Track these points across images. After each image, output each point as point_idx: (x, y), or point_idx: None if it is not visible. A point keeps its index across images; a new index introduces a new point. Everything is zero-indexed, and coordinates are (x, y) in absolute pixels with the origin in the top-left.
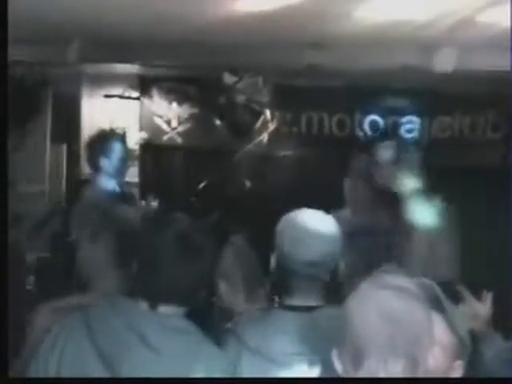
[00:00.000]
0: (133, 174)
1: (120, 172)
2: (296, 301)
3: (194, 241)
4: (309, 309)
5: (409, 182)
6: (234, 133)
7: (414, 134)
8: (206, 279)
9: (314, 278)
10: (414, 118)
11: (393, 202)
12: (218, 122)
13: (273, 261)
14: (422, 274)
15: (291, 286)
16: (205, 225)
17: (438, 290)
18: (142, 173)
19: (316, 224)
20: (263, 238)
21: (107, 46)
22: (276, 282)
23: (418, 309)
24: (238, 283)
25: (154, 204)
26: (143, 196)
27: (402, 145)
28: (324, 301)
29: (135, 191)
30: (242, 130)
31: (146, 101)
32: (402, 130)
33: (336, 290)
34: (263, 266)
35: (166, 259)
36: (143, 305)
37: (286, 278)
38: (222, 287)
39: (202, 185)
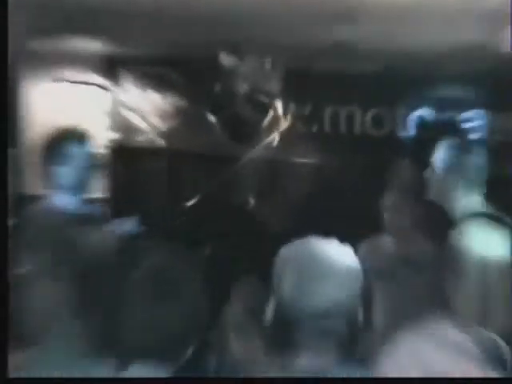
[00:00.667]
0: (99, 188)
1: (81, 185)
2: (302, 362)
3: (178, 278)
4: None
5: (468, 198)
6: (233, 133)
7: (475, 135)
8: (197, 329)
9: (326, 331)
10: (475, 114)
11: (442, 224)
12: (212, 119)
13: (270, 310)
14: (480, 324)
15: (295, 343)
16: (195, 256)
17: (504, 347)
18: (111, 186)
19: (328, 258)
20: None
21: (62, 16)
22: (275, 337)
23: (475, 371)
24: (252, 334)
25: (127, 228)
26: (113, 217)
27: (465, 147)
28: (341, 360)
29: (102, 211)
30: (245, 130)
31: (115, 89)
32: (460, 129)
33: (357, 345)
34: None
35: (142, 302)
36: (110, 364)
37: (287, 332)
38: (233, 340)
39: (191, 202)
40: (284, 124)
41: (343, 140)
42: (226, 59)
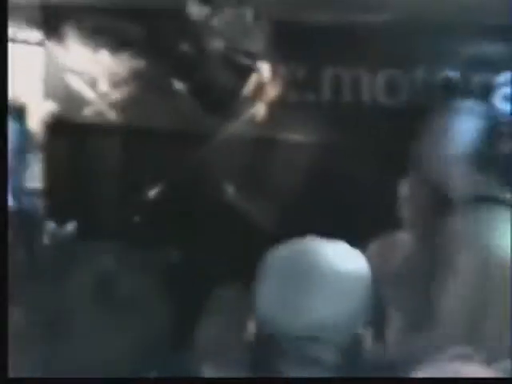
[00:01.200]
0: (34, 175)
1: (12, 171)
2: None
3: (133, 290)
4: None
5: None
6: (206, 103)
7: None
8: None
9: (319, 357)
10: None
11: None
12: (179, 86)
13: (251, 329)
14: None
15: (282, 370)
16: (158, 262)
17: None
18: (50, 172)
19: (325, 264)
20: None
21: None
22: (259, 361)
23: None
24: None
25: (70, 227)
26: (51, 213)
27: (494, 118)
28: None
29: (37, 204)
30: (221, 99)
31: (54, 48)
32: (495, 96)
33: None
34: None
35: (84, 320)
36: None
37: (272, 356)
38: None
39: (152, 193)
40: (271, 92)
41: (348, 112)
42: (195, 9)
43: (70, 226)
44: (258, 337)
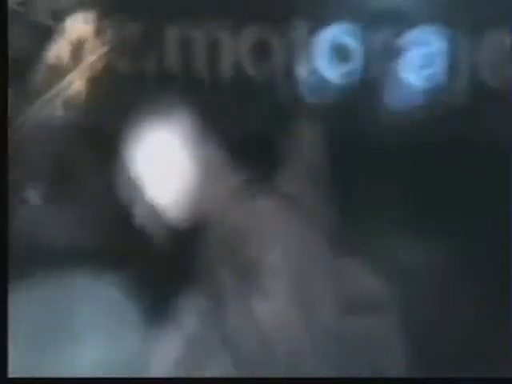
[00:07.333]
0: None
1: None
2: None
3: None
4: None
5: None
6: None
7: (432, 70)
8: None
9: None
10: (432, 35)
11: None
12: None
13: None
14: None
15: None
16: None
17: None
18: None
19: None
20: None
21: None
22: None
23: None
24: None
25: None
26: None
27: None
28: None
29: None
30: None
31: None
32: (398, 62)
33: None
34: None
35: None
36: None
37: None
38: None
39: None
40: (93, 60)
41: (200, 83)
42: None
43: None
44: None
